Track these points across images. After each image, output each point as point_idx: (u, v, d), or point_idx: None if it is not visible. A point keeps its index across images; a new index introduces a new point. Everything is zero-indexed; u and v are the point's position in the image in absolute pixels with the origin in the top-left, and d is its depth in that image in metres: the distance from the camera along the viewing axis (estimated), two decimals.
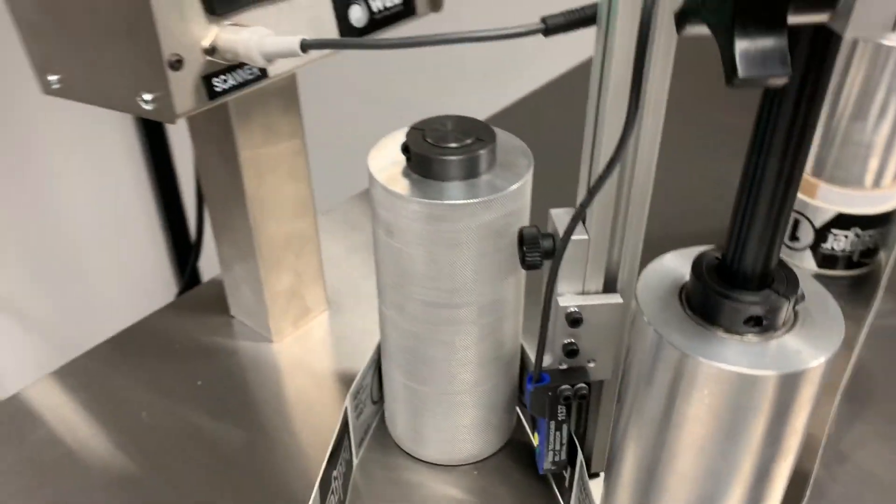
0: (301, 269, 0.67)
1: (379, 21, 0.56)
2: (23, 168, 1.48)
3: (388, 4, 0.56)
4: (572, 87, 1.10)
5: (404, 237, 0.46)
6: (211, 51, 0.46)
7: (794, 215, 0.72)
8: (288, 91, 0.58)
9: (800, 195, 0.71)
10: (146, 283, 1.74)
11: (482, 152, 0.46)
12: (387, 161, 0.47)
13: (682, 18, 0.33)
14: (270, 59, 0.44)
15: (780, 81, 0.25)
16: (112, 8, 0.44)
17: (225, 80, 0.47)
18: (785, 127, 0.31)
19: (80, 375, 0.66)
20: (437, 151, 0.45)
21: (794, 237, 0.73)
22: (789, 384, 0.36)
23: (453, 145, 0.46)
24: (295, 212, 0.64)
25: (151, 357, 0.67)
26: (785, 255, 0.75)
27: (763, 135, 0.32)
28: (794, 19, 0.26)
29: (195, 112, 0.46)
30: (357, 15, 0.54)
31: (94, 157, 1.54)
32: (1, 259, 1.53)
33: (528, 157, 0.48)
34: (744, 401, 0.36)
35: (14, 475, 0.57)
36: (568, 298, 0.46)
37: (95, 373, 0.66)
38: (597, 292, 0.47)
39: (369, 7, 0.55)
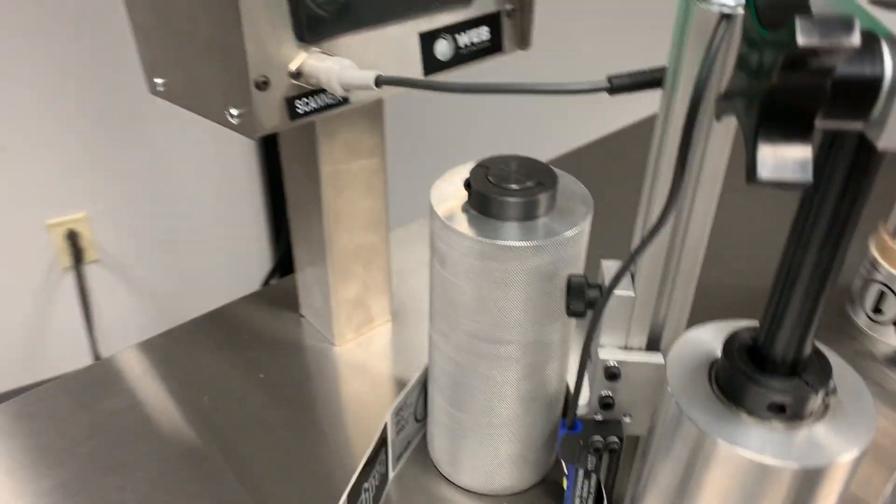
0: (369, 279, 0.69)
1: (465, 56, 0.57)
2: (143, 148, 1.58)
3: (475, 40, 0.57)
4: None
5: (455, 269, 0.48)
6: (296, 75, 0.49)
7: (879, 287, 0.69)
8: (373, 112, 0.60)
9: (887, 265, 0.68)
10: (244, 267, 1.83)
11: (541, 196, 0.47)
12: (449, 194, 0.49)
13: (720, 105, 0.33)
14: (348, 89, 0.47)
15: (800, 187, 0.25)
16: (210, 25, 0.47)
17: (307, 103, 0.50)
18: (824, 226, 0.31)
19: (160, 350, 0.71)
20: (497, 191, 0.46)
21: (877, 310, 0.70)
22: (809, 479, 0.35)
23: (513, 187, 0.47)
24: (368, 225, 0.66)
25: (224, 343, 0.71)
26: (867, 328, 0.71)
27: (801, 230, 0.32)
28: (825, 125, 0.26)
29: (276, 131, 0.49)
30: (443, 49, 0.56)
31: (211, 147, 1.64)
32: (119, 229, 1.65)
33: (588, 204, 0.49)
34: (759, 489, 0.35)
35: (85, 438, 0.62)
36: (608, 351, 0.46)
37: (175, 351, 0.71)
38: (639, 349, 0.47)
39: (456, 42, 0.56)
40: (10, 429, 0.63)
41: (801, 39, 0.22)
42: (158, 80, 0.56)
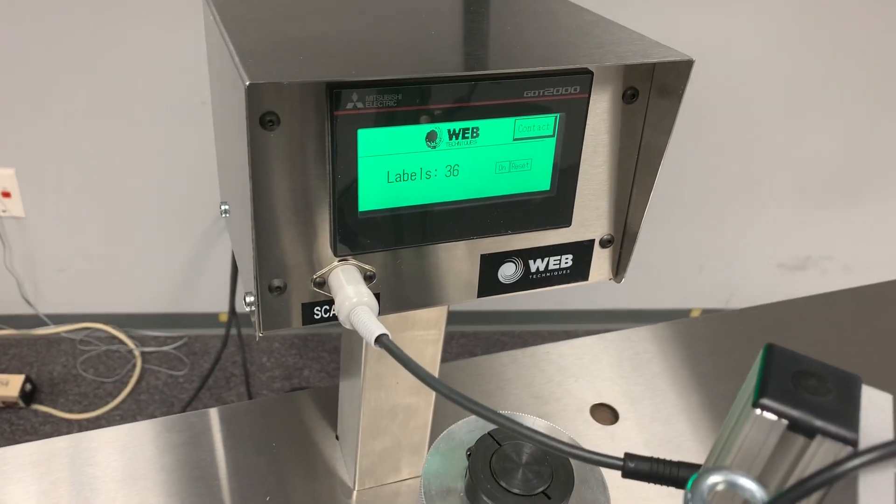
0: (403, 436, 0.65)
1: (535, 281, 0.50)
2: None
3: (553, 267, 0.50)
4: None
5: None
6: (320, 283, 0.45)
7: None
8: None
9: None
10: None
11: None
12: (445, 457, 0.43)
13: None
14: (352, 327, 0.42)
15: None
16: (242, 205, 0.44)
17: (326, 311, 0.46)
18: None
19: (187, 431, 0.71)
20: (495, 491, 0.40)
21: None
22: None
23: (515, 491, 0.41)
24: (411, 389, 0.62)
25: (249, 441, 0.70)
26: None
27: None
28: None
29: (285, 330, 0.46)
30: (508, 273, 0.49)
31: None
32: None
33: (606, 495, 0.41)
34: None
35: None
36: None
37: (200, 435, 0.71)
38: None
39: (527, 267, 0.49)
40: None
41: None
42: (224, 207, 0.54)
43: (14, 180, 1.78)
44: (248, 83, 0.36)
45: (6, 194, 1.79)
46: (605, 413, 0.78)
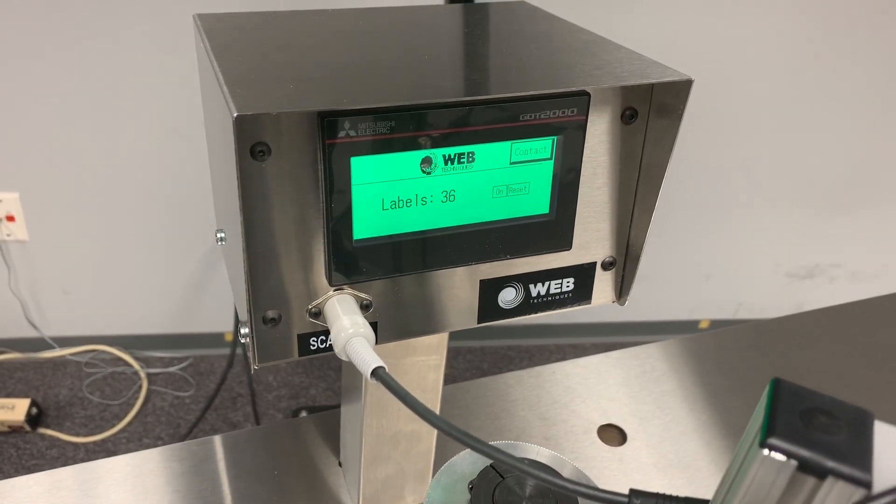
0: (406, 463, 0.64)
1: (536, 305, 0.49)
2: None
3: (554, 291, 0.49)
4: None
5: None
6: (315, 314, 0.44)
7: None
8: None
9: None
10: None
11: None
12: (447, 490, 0.42)
13: None
14: (348, 358, 0.41)
15: None
16: (237, 254, 0.43)
17: (323, 342, 0.45)
18: None
19: (188, 460, 0.70)
20: None
21: None
22: None
23: None
24: (413, 416, 0.60)
25: (251, 469, 0.69)
26: None
27: None
28: None
29: (280, 362, 0.45)
30: (509, 297, 0.48)
31: None
32: None
33: None
34: None
35: None
36: None
37: (201, 455, 0.70)
38: None
39: (527, 291, 0.48)
40: None
41: None
42: (220, 234, 0.53)
43: (18, 204, 1.78)
44: (235, 115, 0.35)
45: (10, 218, 1.79)
46: (613, 434, 0.77)
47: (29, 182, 1.76)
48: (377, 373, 0.39)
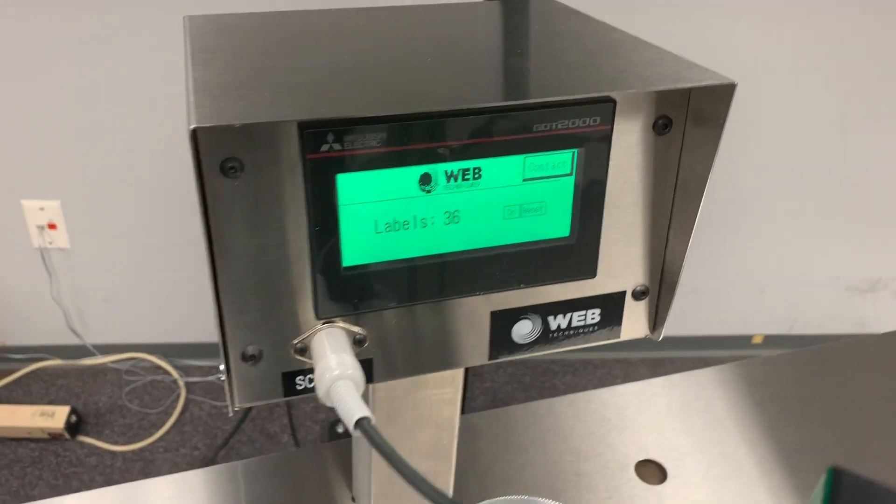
0: (421, 500, 0.59)
1: (556, 339, 0.43)
2: None
3: (578, 324, 0.43)
4: None
5: None
6: (301, 350, 0.39)
7: None
8: None
9: None
10: None
11: None
12: None
13: None
14: (332, 404, 0.36)
15: None
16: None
17: (311, 381, 0.40)
18: None
19: (202, 489, 0.66)
20: None
21: None
22: None
23: None
24: (428, 453, 0.56)
25: (261, 497, 0.65)
26: None
27: None
28: None
29: (262, 403, 0.40)
30: (524, 331, 0.43)
31: None
32: None
33: None
34: None
35: None
36: None
37: (218, 483, 0.66)
38: None
39: (546, 324, 0.43)
40: None
41: None
42: None
43: (59, 212, 1.78)
44: (192, 126, 0.30)
45: (52, 226, 1.80)
46: (652, 470, 0.70)
47: (70, 190, 1.76)
48: (361, 424, 0.34)
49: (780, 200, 1.85)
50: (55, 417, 1.80)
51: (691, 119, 0.39)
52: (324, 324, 0.39)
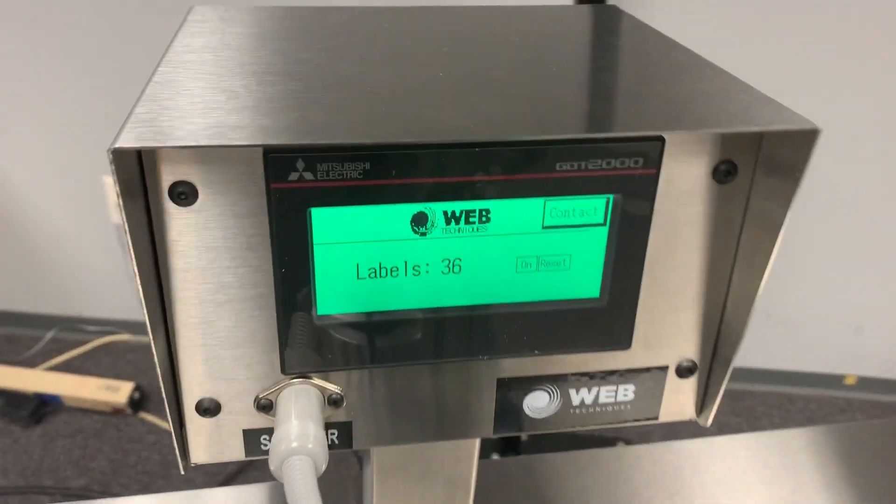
0: None
1: (577, 418, 0.36)
2: None
3: (606, 400, 0.36)
4: None
5: None
6: (265, 406, 0.33)
7: None
8: None
9: None
10: None
11: None
12: None
13: None
14: (280, 479, 0.30)
15: None
16: None
17: None
18: None
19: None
20: None
21: None
22: None
23: None
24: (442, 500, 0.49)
25: None
26: None
27: None
28: None
29: (222, 462, 0.34)
30: (540, 404, 0.36)
31: None
32: None
33: None
34: None
35: None
36: None
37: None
38: None
39: (567, 398, 0.35)
40: None
41: None
42: None
43: None
44: (113, 146, 0.24)
45: None
46: None
47: None
48: None
49: (884, 230, 1.68)
50: (119, 392, 1.82)
51: (762, 166, 0.31)
52: (294, 378, 0.33)
